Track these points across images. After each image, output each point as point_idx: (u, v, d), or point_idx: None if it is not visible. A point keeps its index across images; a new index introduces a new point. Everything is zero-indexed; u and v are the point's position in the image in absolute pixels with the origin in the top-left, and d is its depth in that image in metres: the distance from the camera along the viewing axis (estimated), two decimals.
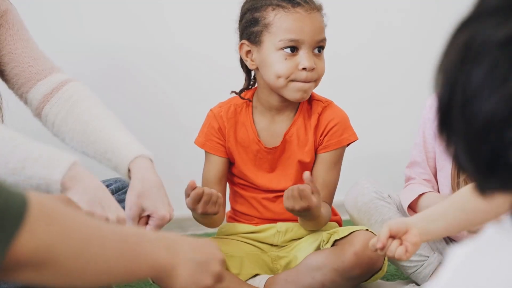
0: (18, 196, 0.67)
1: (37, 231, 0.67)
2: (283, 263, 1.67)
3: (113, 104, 1.46)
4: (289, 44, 1.57)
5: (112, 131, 1.39)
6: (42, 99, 1.46)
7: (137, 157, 1.34)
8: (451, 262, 0.63)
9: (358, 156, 1.95)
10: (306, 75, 1.58)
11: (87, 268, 0.74)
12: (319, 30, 1.59)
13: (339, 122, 1.67)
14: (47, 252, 0.69)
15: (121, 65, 2.29)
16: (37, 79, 1.46)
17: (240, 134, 1.69)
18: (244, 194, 1.71)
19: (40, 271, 0.70)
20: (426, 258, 1.65)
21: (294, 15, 1.58)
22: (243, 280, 1.62)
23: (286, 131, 1.68)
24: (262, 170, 1.69)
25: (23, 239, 0.66)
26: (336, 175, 1.68)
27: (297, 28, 1.57)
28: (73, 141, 1.42)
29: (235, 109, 1.70)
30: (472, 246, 0.63)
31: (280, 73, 1.58)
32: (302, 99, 1.62)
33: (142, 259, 0.81)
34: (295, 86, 1.59)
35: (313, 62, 1.58)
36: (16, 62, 1.47)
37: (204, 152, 1.71)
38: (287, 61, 1.58)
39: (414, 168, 1.72)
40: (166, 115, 2.33)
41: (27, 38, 1.50)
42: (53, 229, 0.69)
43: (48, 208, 0.70)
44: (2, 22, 1.48)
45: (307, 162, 1.67)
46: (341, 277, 1.54)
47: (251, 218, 1.72)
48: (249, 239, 1.71)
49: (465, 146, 0.62)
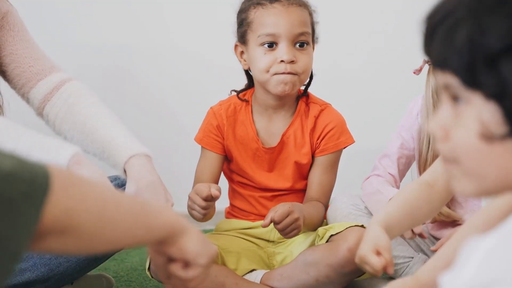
0: (41, 167, 0.69)
1: (60, 198, 0.70)
2: (279, 258, 1.69)
3: (112, 103, 1.47)
4: (266, 39, 1.61)
5: (108, 131, 1.41)
6: (42, 99, 1.48)
7: (132, 157, 1.36)
8: (474, 254, 0.62)
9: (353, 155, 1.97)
10: (285, 67, 1.60)
11: (106, 231, 0.76)
12: (298, 24, 1.61)
13: (336, 126, 1.69)
14: (68, 218, 0.71)
15: (120, 65, 2.30)
16: (37, 79, 1.49)
17: (240, 132, 1.71)
18: (242, 192, 1.73)
19: (63, 237, 0.72)
20: (411, 259, 1.68)
21: (271, 10, 1.61)
22: (240, 275, 1.63)
23: (283, 132, 1.70)
24: (261, 169, 1.71)
25: (49, 206, 0.69)
26: (332, 177, 1.71)
27: (273, 23, 1.60)
28: (73, 139, 1.44)
29: (235, 107, 1.73)
30: (497, 237, 0.62)
31: (261, 67, 1.61)
32: (284, 92, 1.63)
33: (157, 218, 0.83)
34: (277, 79, 1.61)
35: (293, 55, 1.60)
36: (17, 63, 1.49)
37: (201, 147, 1.73)
38: (266, 55, 1.61)
39: (384, 159, 1.76)
40: (165, 115, 2.35)
41: (27, 39, 1.51)
42: (73, 195, 0.71)
43: (67, 177, 0.72)
44: (3, 24, 1.50)
45: (304, 163, 1.70)
46: (335, 272, 1.55)
47: (248, 214, 1.74)
48: (246, 235, 1.73)
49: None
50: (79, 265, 1.54)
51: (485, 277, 0.60)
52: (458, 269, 0.62)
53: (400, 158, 1.75)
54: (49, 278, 1.51)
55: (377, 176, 1.74)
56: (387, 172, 1.74)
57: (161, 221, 0.85)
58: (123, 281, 1.87)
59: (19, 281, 1.49)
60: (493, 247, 0.61)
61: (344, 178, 1.79)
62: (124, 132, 1.41)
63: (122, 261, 2.03)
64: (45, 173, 0.70)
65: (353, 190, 1.93)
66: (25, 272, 1.49)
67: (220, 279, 1.59)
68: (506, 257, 0.60)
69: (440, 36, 0.67)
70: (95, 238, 0.75)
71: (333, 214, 1.70)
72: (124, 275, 1.91)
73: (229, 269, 1.62)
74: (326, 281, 1.57)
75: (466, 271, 0.61)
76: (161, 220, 0.84)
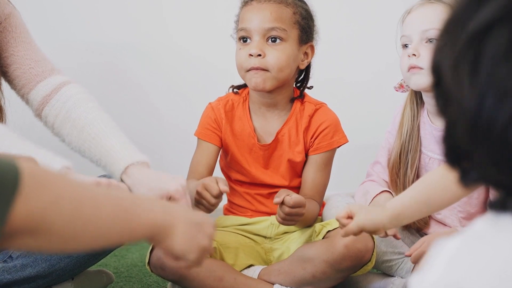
0: (10, 165, 0.67)
1: (31, 198, 0.67)
2: (276, 254, 1.71)
3: (111, 102, 1.49)
4: (240, 34, 1.65)
5: (106, 138, 1.41)
6: (41, 101, 1.49)
7: (128, 166, 1.36)
8: (440, 255, 0.63)
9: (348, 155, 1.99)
10: (254, 62, 1.62)
11: (82, 231, 0.74)
12: (268, 19, 1.63)
13: (330, 125, 1.71)
14: (41, 218, 0.69)
15: (120, 64, 2.30)
16: (37, 80, 1.50)
17: (237, 128, 1.73)
18: (239, 189, 1.75)
19: (36, 236, 0.70)
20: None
21: (247, 7, 1.67)
22: (238, 270, 1.65)
23: (278, 130, 1.72)
24: (257, 163, 1.73)
25: (18, 206, 0.67)
26: (325, 176, 1.72)
27: (246, 18, 1.65)
28: (71, 144, 1.46)
29: (233, 103, 1.75)
30: (462, 238, 0.63)
31: (237, 63, 1.66)
32: (257, 88, 1.63)
33: (138, 219, 0.81)
34: (249, 74, 1.64)
35: (260, 49, 1.61)
36: (18, 64, 1.50)
37: (197, 139, 1.74)
38: (240, 50, 1.65)
39: (376, 166, 1.78)
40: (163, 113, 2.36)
41: (29, 41, 1.53)
42: (45, 195, 0.69)
43: (39, 175, 0.70)
44: (6, 25, 1.51)
45: (298, 162, 1.71)
46: (331, 268, 1.56)
47: (245, 211, 1.76)
48: (243, 231, 1.74)
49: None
50: (79, 260, 1.56)
51: (450, 278, 0.61)
52: (425, 270, 0.63)
53: (389, 164, 1.77)
54: (50, 274, 1.53)
55: (371, 181, 1.76)
56: (381, 178, 1.75)
57: (145, 221, 0.82)
58: (123, 277, 1.89)
59: (20, 276, 1.51)
60: (457, 249, 0.62)
61: (338, 178, 1.81)
62: (121, 140, 1.42)
63: (123, 257, 2.06)
64: (15, 170, 0.67)
65: (347, 190, 1.96)
66: (26, 267, 1.51)
67: (218, 274, 1.61)
68: (470, 258, 0.61)
69: None
70: (69, 238, 0.73)
71: (329, 213, 1.72)
72: (124, 271, 1.93)
73: (227, 264, 1.64)
74: (322, 277, 1.58)
75: (432, 272, 0.62)
76: (145, 220, 0.82)
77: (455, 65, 0.64)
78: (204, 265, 1.58)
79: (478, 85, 0.62)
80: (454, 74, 0.64)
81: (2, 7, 1.52)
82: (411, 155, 1.69)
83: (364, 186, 1.74)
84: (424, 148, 1.71)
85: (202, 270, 1.58)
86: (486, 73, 0.61)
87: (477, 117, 0.62)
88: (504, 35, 0.61)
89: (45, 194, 0.70)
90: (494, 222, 0.63)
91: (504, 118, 0.60)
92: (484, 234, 0.62)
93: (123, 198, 0.82)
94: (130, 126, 1.51)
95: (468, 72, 0.63)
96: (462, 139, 0.64)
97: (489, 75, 0.61)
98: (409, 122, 1.70)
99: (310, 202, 1.66)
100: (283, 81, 1.66)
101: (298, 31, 1.66)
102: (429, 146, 1.70)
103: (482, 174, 0.64)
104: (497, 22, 0.61)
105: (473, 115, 0.62)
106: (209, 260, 1.62)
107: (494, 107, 0.61)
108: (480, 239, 0.62)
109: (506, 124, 0.60)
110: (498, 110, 0.61)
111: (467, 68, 0.63)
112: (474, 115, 0.62)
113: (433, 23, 1.58)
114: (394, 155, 1.72)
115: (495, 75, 0.61)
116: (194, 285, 1.60)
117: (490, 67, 0.61)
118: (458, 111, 0.64)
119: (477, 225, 0.64)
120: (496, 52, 0.61)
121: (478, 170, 0.64)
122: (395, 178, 1.71)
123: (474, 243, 0.62)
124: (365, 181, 1.77)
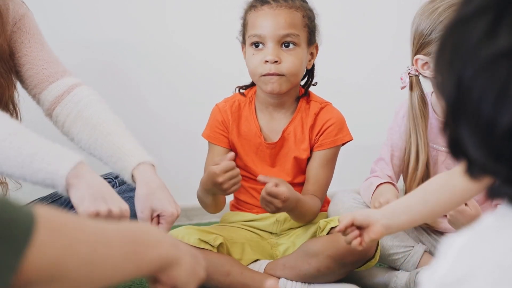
0: (25, 211, 0.65)
1: (45, 246, 0.65)
2: (282, 249, 1.73)
3: (113, 102, 1.51)
4: (254, 40, 1.67)
5: (118, 137, 1.45)
6: (53, 101, 1.53)
7: (140, 163, 1.41)
8: (449, 250, 0.64)
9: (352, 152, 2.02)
10: (269, 68, 1.65)
11: (95, 274, 0.73)
12: (283, 25, 1.65)
13: (334, 123, 1.73)
14: (56, 267, 0.67)
15: (121, 63, 2.32)
16: (49, 81, 1.53)
17: (243, 128, 1.76)
18: (245, 185, 1.76)
19: (51, 284, 0.67)
20: (411, 248, 1.71)
21: (259, 12, 1.68)
22: (244, 264, 1.68)
23: (284, 128, 1.74)
24: (263, 163, 1.75)
25: (32, 256, 0.63)
26: (328, 172, 1.74)
27: (260, 24, 1.66)
28: (81, 142, 1.49)
29: (239, 104, 1.78)
30: (470, 234, 0.64)
31: (251, 68, 1.68)
32: (273, 92, 1.67)
33: (150, 256, 0.81)
34: (265, 79, 1.67)
35: (276, 55, 1.65)
36: (31, 64, 1.53)
37: (208, 143, 1.78)
38: (254, 56, 1.67)
39: (379, 163, 1.80)
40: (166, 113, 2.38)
41: (42, 42, 1.56)
42: (60, 243, 0.67)
43: (54, 222, 0.68)
44: (20, 26, 1.55)
45: (303, 158, 1.74)
46: (335, 263, 1.58)
47: (251, 207, 1.78)
48: (249, 227, 1.77)
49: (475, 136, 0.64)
50: None
51: (458, 273, 0.62)
52: (435, 265, 0.65)
53: (392, 160, 1.80)
54: None
55: (376, 177, 1.78)
56: (385, 174, 1.78)
57: (154, 256, 0.81)
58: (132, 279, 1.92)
59: None
60: (465, 244, 0.64)
61: (342, 175, 1.84)
62: (133, 141, 1.46)
63: None
64: (29, 219, 0.64)
65: (351, 186, 1.98)
66: None
67: (226, 268, 1.65)
68: (477, 253, 0.62)
69: None
70: (84, 281, 0.72)
71: (335, 208, 1.74)
72: None
73: (234, 259, 1.67)
74: (327, 271, 1.61)
75: (441, 267, 0.64)
76: (154, 255, 0.81)
77: (440, 50, 0.67)
78: (212, 260, 1.62)
79: (456, 68, 0.65)
80: (440, 59, 0.67)
81: (17, 8, 1.55)
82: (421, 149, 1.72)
83: (368, 181, 1.77)
84: (431, 141, 1.74)
85: (210, 265, 1.61)
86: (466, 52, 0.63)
87: (457, 95, 0.65)
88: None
89: (59, 241, 0.67)
90: (502, 217, 0.64)
91: (488, 96, 0.62)
92: (492, 229, 0.64)
93: (135, 234, 0.80)
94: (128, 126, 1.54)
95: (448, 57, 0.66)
96: (449, 123, 0.67)
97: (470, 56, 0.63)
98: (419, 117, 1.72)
99: (311, 197, 1.68)
100: (296, 83, 1.71)
101: (307, 34, 1.70)
102: (435, 139, 1.73)
103: (479, 163, 0.65)
104: None
105: (452, 96, 0.65)
106: (216, 255, 1.65)
107: (470, 84, 0.63)
108: (488, 234, 0.63)
109: (482, 99, 0.62)
110: (473, 86, 0.63)
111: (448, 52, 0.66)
112: (453, 96, 0.65)
113: None
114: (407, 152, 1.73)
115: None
116: None
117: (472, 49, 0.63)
118: (441, 94, 0.67)
119: (485, 220, 0.65)
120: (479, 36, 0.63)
121: (474, 158, 0.65)
122: (406, 172, 1.73)
123: (482, 238, 0.63)
124: (369, 177, 1.80)
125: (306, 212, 1.67)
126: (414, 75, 1.72)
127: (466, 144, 0.65)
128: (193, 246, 1.61)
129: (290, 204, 1.58)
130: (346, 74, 2.51)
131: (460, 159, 0.68)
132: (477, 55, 0.63)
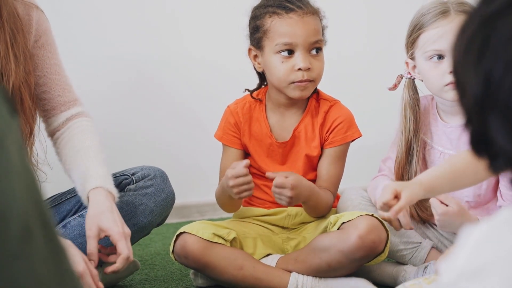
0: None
1: None
2: (293, 244, 1.76)
3: (137, 109, 1.57)
4: (284, 48, 1.69)
5: (92, 162, 1.57)
6: (58, 126, 1.65)
7: (98, 187, 1.52)
8: (467, 240, 0.65)
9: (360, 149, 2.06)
10: (302, 75, 1.68)
11: None
12: (313, 33, 1.69)
13: (344, 120, 1.76)
14: None
15: (144, 75, 2.42)
16: (61, 110, 1.64)
17: (255, 129, 1.79)
18: (257, 182, 1.78)
19: None
20: (419, 244, 1.74)
21: (287, 20, 1.69)
22: (257, 259, 1.72)
23: (295, 127, 1.78)
24: (275, 162, 1.78)
25: None
26: (339, 169, 1.77)
27: (290, 32, 1.68)
28: (66, 164, 1.62)
29: (250, 105, 1.80)
30: (488, 225, 0.65)
31: (280, 76, 1.70)
32: (302, 97, 1.72)
33: None
34: (294, 86, 1.70)
35: (308, 63, 1.68)
36: (48, 88, 1.63)
37: (222, 144, 1.82)
38: (283, 64, 1.69)
39: (387, 162, 1.83)
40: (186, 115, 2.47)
41: (59, 63, 1.64)
42: None
43: None
44: (43, 42, 1.60)
45: (314, 156, 1.77)
46: (346, 258, 1.61)
47: (263, 202, 1.81)
48: (261, 222, 1.80)
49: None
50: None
51: (476, 262, 0.63)
52: (454, 255, 0.66)
53: None
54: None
55: (383, 176, 1.81)
56: (392, 173, 1.81)
57: None
58: (148, 264, 1.96)
59: None
60: (484, 234, 0.65)
61: (351, 172, 1.87)
62: (102, 169, 1.57)
63: (146, 246, 2.13)
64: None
65: (360, 183, 2.02)
66: None
67: (239, 262, 1.68)
68: (495, 243, 0.63)
69: None
70: None
71: (344, 205, 1.76)
72: (148, 259, 2.01)
73: (247, 253, 1.71)
74: (337, 266, 1.63)
75: (460, 257, 0.65)
76: None
77: (465, 49, 0.69)
78: (225, 254, 1.67)
79: (485, 64, 0.67)
80: (464, 57, 0.70)
81: (41, 22, 1.59)
82: (416, 150, 1.75)
83: (375, 181, 1.80)
84: (435, 143, 1.77)
85: (223, 259, 1.66)
86: (494, 52, 0.66)
87: (486, 89, 0.67)
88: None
89: None
90: None
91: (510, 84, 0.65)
92: (509, 222, 0.65)
93: None
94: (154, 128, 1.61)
95: (476, 55, 0.68)
96: (475, 116, 0.68)
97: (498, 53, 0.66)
98: (411, 118, 1.76)
99: (324, 191, 1.72)
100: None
101: (323, 36, 1.74)
102: (440, 141, 1.76)
103: (506, 155, 0.67)
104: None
105: (481, 90, 0.67)
106: (230, 249, 1.69)
107: (502, 76, 0.66)
108: (505, 226, 0.64)
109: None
110: (505, 78, 0.65)
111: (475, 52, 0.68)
112: (481, 90, 0.67)
113: None
114: (400, 152, 1.77)
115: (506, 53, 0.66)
116: (215, 273, 1.68)
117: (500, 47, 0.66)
118: (469, 92, 0.69)
119: (503, 213, 0.66)
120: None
121: (505, 149, 0.67)
122: (401, 173, 1.77)
123: (499, 230, 0.64)
124: (377, 175, 1.82)
125: (320, 203, 1.70)
126: (407, 77, 1.77)
127: (496, 136, 0.66)
128: (207, 240, 1.66)
129: (301, 192, 1.62)
130: (355, 72, 2.53)
131: (482, 155, 0.70)
132: (508, 50, 0.66)
